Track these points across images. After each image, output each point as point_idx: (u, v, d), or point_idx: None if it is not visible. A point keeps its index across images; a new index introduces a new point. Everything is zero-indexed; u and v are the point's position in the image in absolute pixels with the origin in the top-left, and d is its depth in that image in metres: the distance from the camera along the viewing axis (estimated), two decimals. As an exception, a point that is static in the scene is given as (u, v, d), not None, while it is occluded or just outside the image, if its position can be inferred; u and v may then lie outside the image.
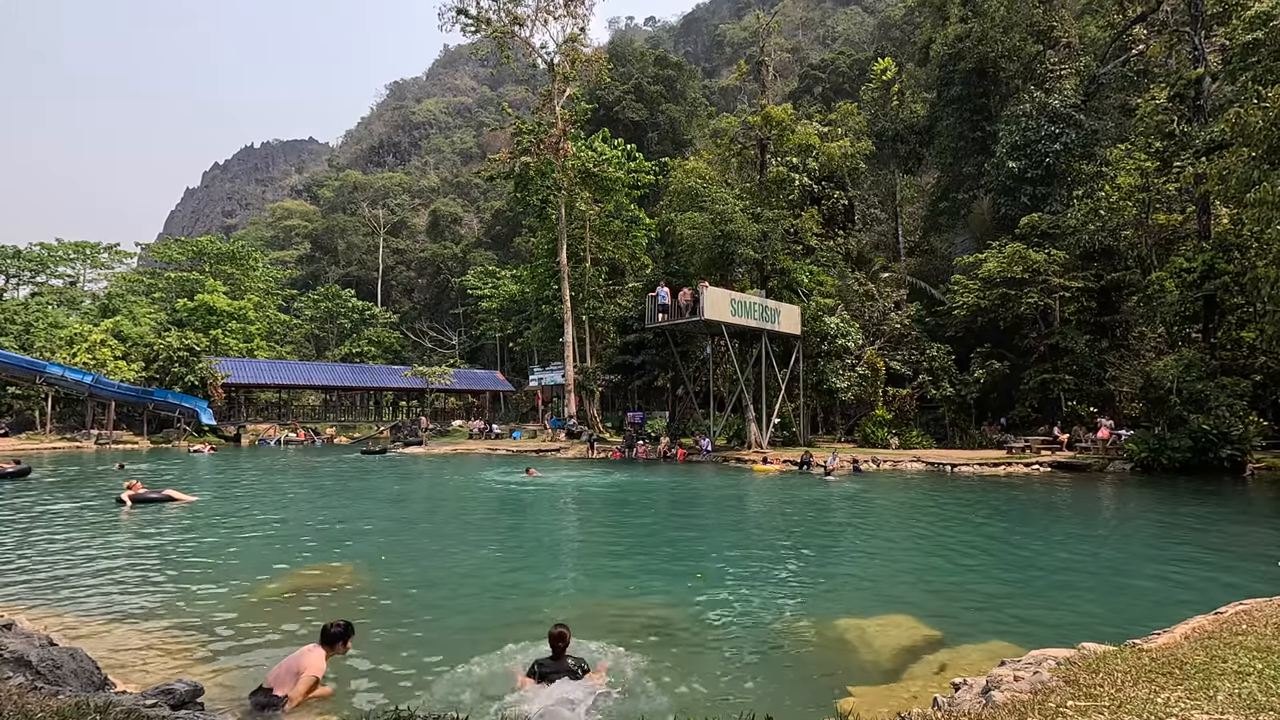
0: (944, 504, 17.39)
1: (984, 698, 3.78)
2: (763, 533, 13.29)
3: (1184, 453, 21.85)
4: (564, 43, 43.10)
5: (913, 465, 25.74)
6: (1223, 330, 25.63)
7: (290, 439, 47.28)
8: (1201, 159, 24.43)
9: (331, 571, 9.55)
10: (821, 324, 33.57)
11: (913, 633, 6.85)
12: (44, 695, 3.57)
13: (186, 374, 44.51)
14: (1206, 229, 26.47)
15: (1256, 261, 21.77)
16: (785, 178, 38.18)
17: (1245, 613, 5.03)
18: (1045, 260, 30.01)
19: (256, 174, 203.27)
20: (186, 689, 4.33)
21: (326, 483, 22.62)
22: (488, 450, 37.08)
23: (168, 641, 6.55)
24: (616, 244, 47.03)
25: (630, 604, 8.00)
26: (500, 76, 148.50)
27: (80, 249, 67.56)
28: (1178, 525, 13.73)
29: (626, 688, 5.36)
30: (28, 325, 50.83)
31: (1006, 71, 39.04)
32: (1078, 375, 30.10)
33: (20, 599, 7.97)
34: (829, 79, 68.41)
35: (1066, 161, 33.66)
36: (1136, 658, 4.07)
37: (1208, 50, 28.02)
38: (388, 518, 15.06)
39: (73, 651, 4.82)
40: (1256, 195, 18.75)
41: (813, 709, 5.20)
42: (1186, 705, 3.23)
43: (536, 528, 14.45)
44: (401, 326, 79.36)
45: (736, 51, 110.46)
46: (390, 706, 4.87)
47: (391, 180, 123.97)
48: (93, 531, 12.49)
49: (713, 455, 29.93)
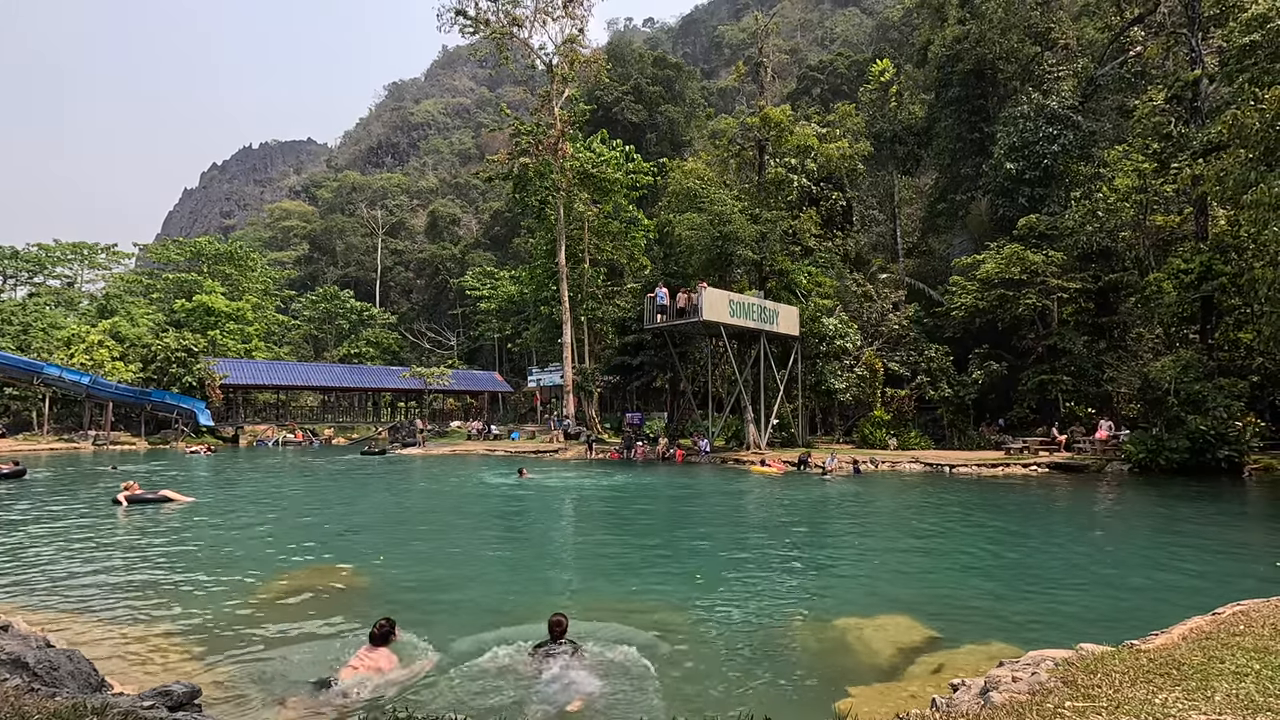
0: (942, 505, 17.40)
1: (982, 698, 3.79)
2: (761, 534, 13.29)
3: (1182, 453, 21.88)
4: (562, 44, 43.10)
5: (911, 466, 25.76)
6: (1220, 331, 25.67)
7: (288, 440, 47.22)
8: (1199, 160, 24.49)
9: (329, 572, 9.53)
10: (820, 325, 33.60)
11: (911, 633, 6.85)
12: (41, 697, 3.56)
13: (184, 375, 44.44)
14: (1204, 230, 26.53)
15: (1254, 263, 21.79)
16: (784, 179, 38.22)
17: (1243, 614, 5.03)
18: (1043, 261, 30.05)
19: (255, 175, 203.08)
20: (184, 690, 4.32)
21: (324, 484, 22.59)
22: (486, 451, 37.06)
23: (165, 643, 6.54)
24: (615, 245, 47.02)
25: (628, 605, 7.99)
26: (499, 77, 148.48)
27: (78, 250, 67.47)
28: (1175, 526, 13.75)
29: (611, 668, 5.87)
30: (25, 326, 50.76)
31: (1004, 73, 39.13)
32: (1076, 376, 30.13)
33: (17, 600, 7.95)
34: (827, 80, 68.51)
35: (1064, 163, 33.73)
36: (1134, 658, 4.07)
37: (1205, 52, 28.10)
38: (385, 519, 15.05)
39: (70, 653, 4.81)
40: (1253, 197, 18.78)
41: (811, 709, 5.20)
42: (1184, 706, 3.23)
43: (534, 529, 14.44)
44: (400, 327, 79.28)
45: (735, 53, 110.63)
46: (389, 707, 4.87)
47: (390, 181, 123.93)
48: (90, 533, 12.46)
49: (711, 456, 29.93)
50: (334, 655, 6.20)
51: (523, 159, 44.23)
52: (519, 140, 44.94)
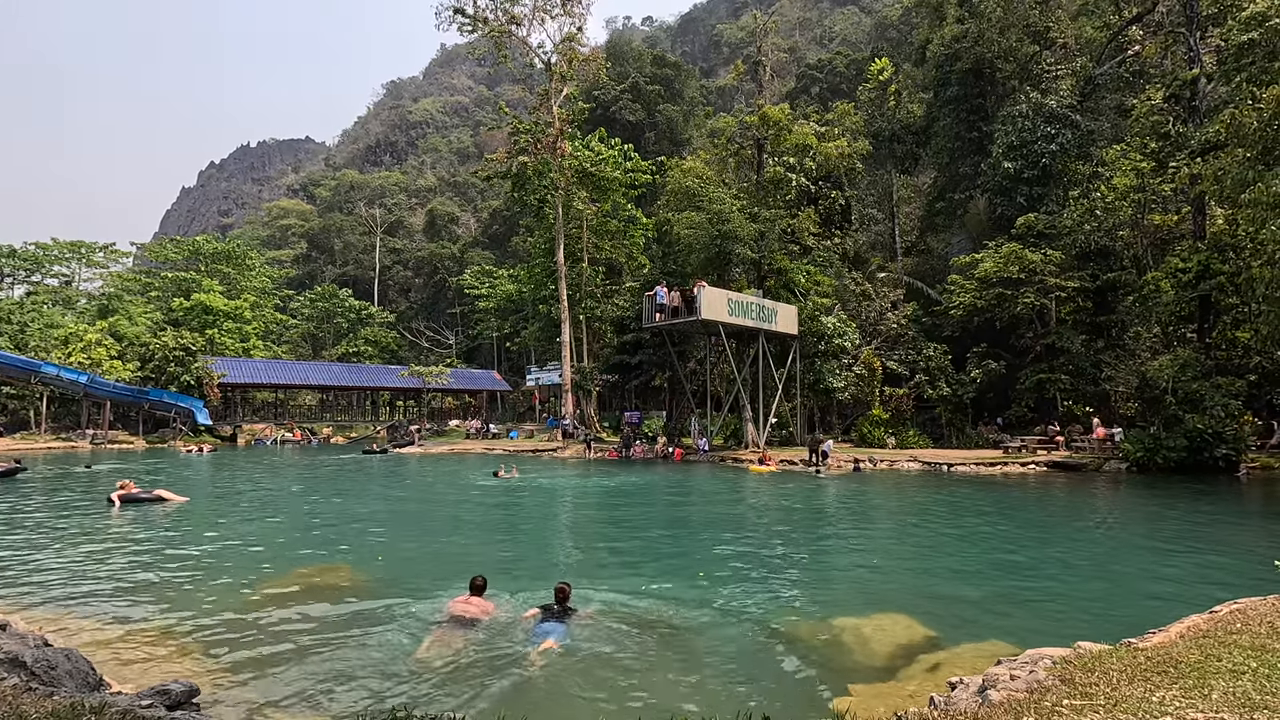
0: (940, 504, 17.43)
1: (980, 697, 3.79)
2: (758, 533, 13.30)
3: (1179, 452, 21.93)
4: (561, 42, 43.04)
5: (909, 465, 25.79)
6: (1218, 330, 25.72)
7: (286, 439, 47.18)
8: (1197, 159, 24.52)
9: (328, 571, 9.52)
10: (818, 324, 33.61)
11: (909, 632, 6.86)
12: (39, 696, 3.56)
13: (182, 374, 44.36)
14: (1202, 229, 26.56)
15: (1251, 262, 21.83)
16: (782, 178, 38.21)
17: (1240, 612, 5.05)
18: (1041, 260, 30.08)
19: (253, 173, 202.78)
20: (182, 690, 4.31)
21: (322, 484, 22.57)
22: (485, 450, 37.04)
23: (163, 642, 6.53)
24: (614, 244, 46.99)
25: (626, 604, 7.99)
26: (497, 76, 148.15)
27: (75, 248, 67.19)
28: (1173, 525, 13.78)
29: (596, 631, 6.86)
30: (23, 324, 50.63)
31: (1003, 72, 39.13)
32: (1074, 375, 30.18)
33: (14, 600, 7.94)
34: (826, 79, 68.47)
35: (1063, 162, 33.75)
36: (1132, 657, 4.08)
37: (1203, 51, 28.12)
38: (384, 519, 15.04)
39: (68, 652, 4.80)
40: (1251, 196, 18.82)
41: (809, 708, 5.21)
42: (1181, 704, 3.23)
43: (531, 528, 14.45)
44: (398, 326, 79.20)
45: (734, 51, 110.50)
46: (385, 706, 4.87)
47: (388, 180, 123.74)
48: (86, 532, 12.44)
49: (710, 455, 29.94)
50: (397, 624, 7.07)
51: (521, 158, 44.17)
52: (518, 139, 44.88)
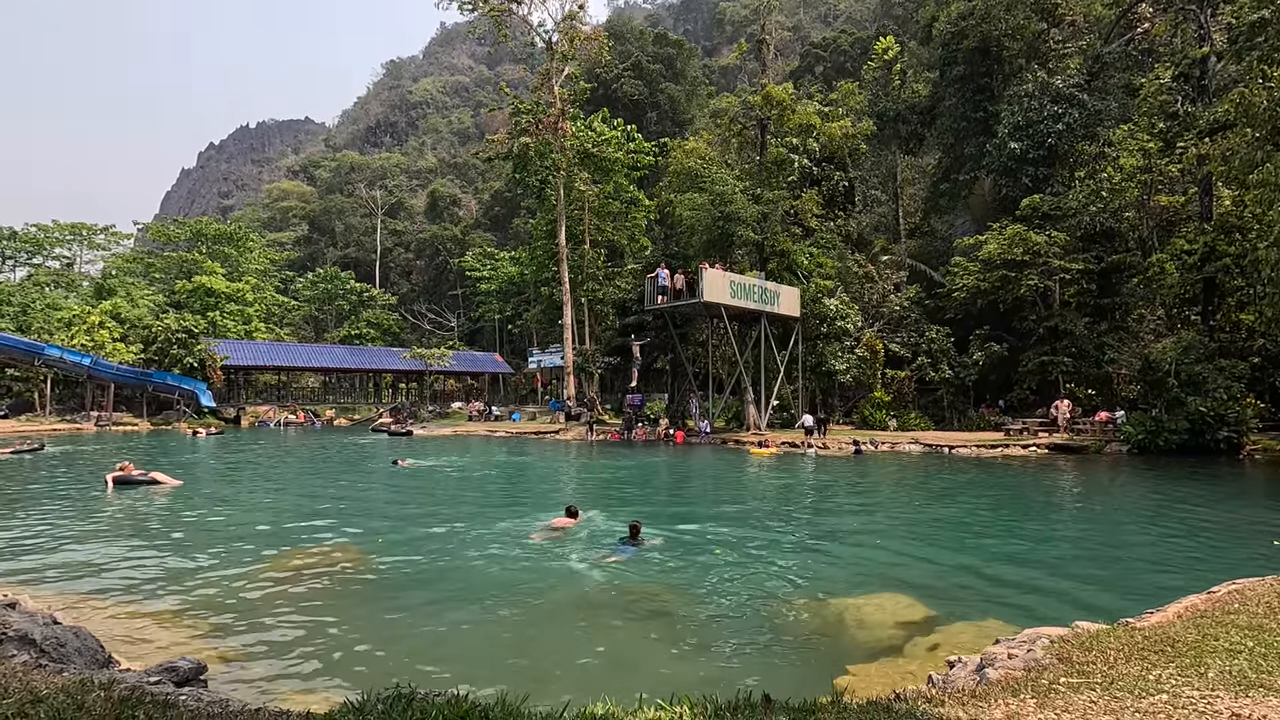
0: (941, 485, 17.49)
1: (979, 675, 3.83)
2: (758, 514, 13.36)
3: (1181, 435, 21.94)
4: (562, 20, 42.46)
5: (911, 447, 25.84)
6: (1222, 313, 25.60)
7: (289, 421, 47.37)
8: (1205, 140, 24.20)
9: (332, 551, 9.60)
10: (821, 306, 33.51)
11: (909, 611, 6.92)
12: (49, 673, 3.60)
13: (185, 356, 44.48)
14: (1208, 211, 26.33)
15: (1258, 243, 21.64)
16: (785, 159, 37.88)
17: (1237, 592, 5.08)
18: (1046, 242, 29.87)
19: (252, 154, 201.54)
20: (190, 667, 4.37)
21: (325, 466, 22.69)
22: (487, 432, 37.19)
23: (171, 620, 6.61)
24: (615, 225, 46.71)
25: (627, 583, 8.06)
26: (498, 55, 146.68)
27: (76, 230, 67.07)
28: (1172, 506, 13.82)
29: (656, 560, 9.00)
30: (25, 307, 50.70)
31: (1010, 50, 38.55)
32: (1076, 358, 30.09)
33: (23, 578, 8.03)
34: (830, 58, 67.54)
35: (1069, 142, 33.37)
36: (1129, 636, 4.11)
37: (1213, 29, 27.64)
38: (388, 499, 15.13)
39: (76, 630, 4.86)
40: (1259, 176, 18.63)
41: (810, 687, 5.25)
42: (1177, 682, 3.26)
43: (535, 509, 14.51)
44: (400, 308, 79.08)
45: (737, 30, 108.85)
46: (392, 682, 4.93)
47: (389, 161, 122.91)
48: (91, 512, 12.55)
49: (711, 437, 30.03)
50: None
51: (523, 138, 43.77)
52: (519, 119, 44.44)
